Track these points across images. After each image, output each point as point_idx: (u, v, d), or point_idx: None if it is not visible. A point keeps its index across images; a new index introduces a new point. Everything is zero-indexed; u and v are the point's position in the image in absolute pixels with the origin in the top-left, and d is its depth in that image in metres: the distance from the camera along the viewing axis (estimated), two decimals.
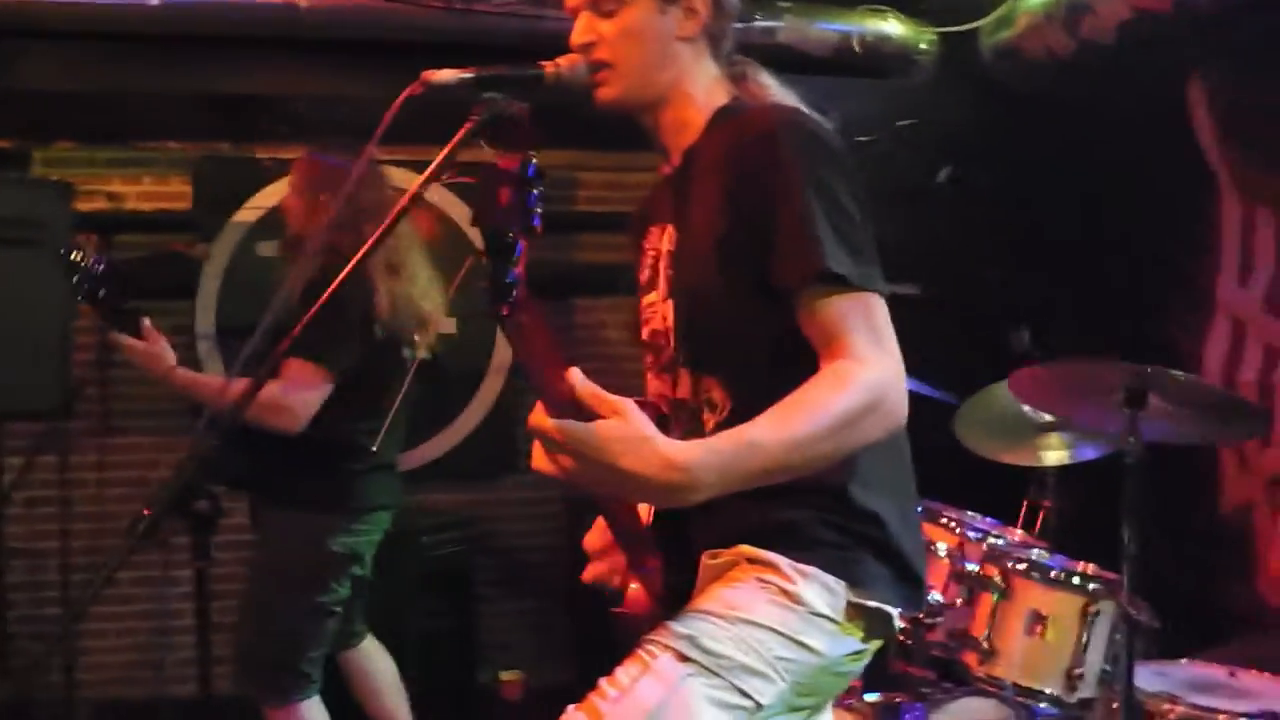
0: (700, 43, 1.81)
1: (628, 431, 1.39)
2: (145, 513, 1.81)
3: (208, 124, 4.88)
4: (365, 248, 1.81)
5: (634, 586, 1.80)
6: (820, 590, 1.66)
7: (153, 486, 4.03)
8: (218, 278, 4.85)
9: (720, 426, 1.68)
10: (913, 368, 3.71)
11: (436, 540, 4.61)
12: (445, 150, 1.76)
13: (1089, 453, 3.56)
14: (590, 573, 1.89)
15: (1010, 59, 4.52)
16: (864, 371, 1.54)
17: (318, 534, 3.22)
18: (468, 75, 1.76)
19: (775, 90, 1.86)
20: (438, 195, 5.03)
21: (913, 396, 3.62)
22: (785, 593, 1.65)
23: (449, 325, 5.05)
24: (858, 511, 1.69)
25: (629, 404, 1.41)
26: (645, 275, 1.88)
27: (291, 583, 3.24)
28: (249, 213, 4.84)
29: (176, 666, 4.46)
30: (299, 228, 3.36)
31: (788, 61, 4.61)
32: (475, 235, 4.69)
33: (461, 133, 1.74)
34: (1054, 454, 3.63)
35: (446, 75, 1.78)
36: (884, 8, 4.70)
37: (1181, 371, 2.61)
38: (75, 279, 3.12)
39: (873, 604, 1.69)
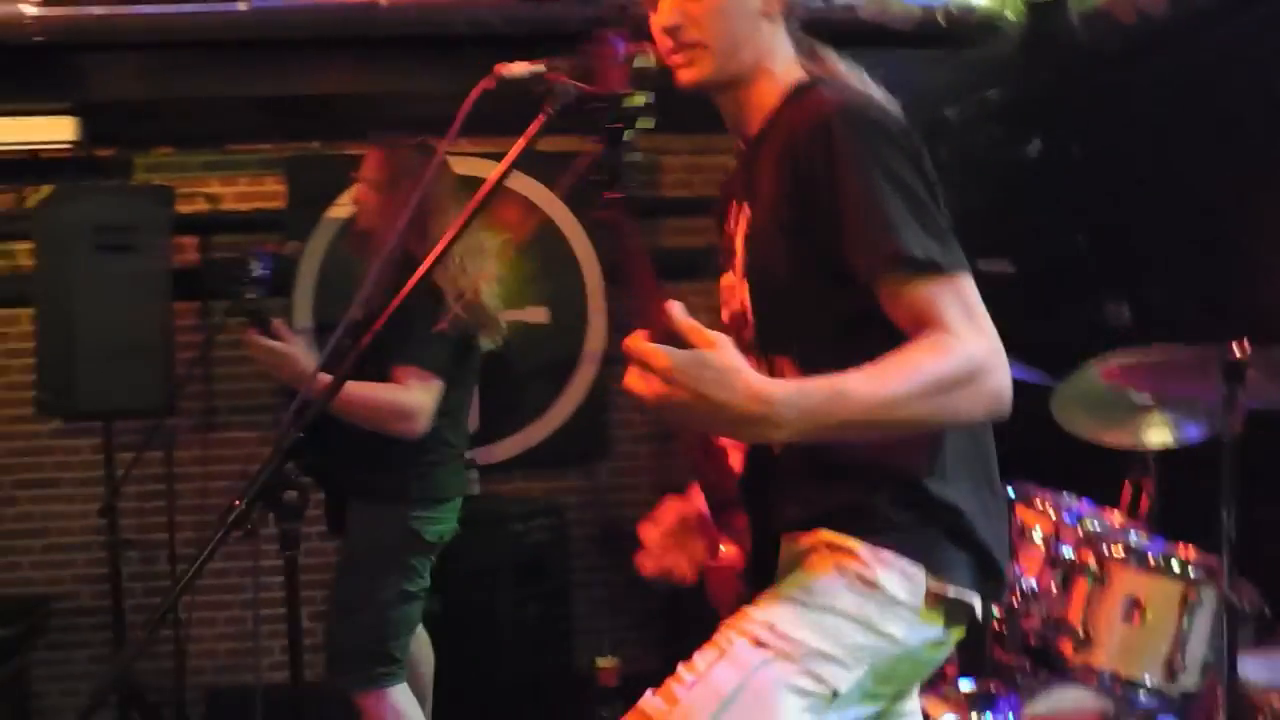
0: (779, 19, 1.80)
1: (720, 361, 1.38)
2: (236, 504, 1.87)
3: (298, 124, 4.99)
4: (440, 246, 1.84)
5: (723, 551, 1.78)
6: (899, 577, 1.64)
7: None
8: (313, 274, 4.96)
9: None
10: (1006, 346, 3.67)
11: (530, 528, 4.65)
12: (520, 143, 1.78)
13: (1194, 431, 3.43)
14: (650, 564, 1.87)
15: (1100, 23, 4.37)
16: (961, 345, 1.50)
17: (406, 524, 3.28)
18: (539, 67, 1.77)
19: (842, 68, 1.84)
20: (522, 183, 5.06)
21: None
22: (863, 579, 1.63)
23: (540, 314, 5.12)
24: (938, 498, 1.66)
25: (724, 338, 1.41)
26: (724, 256, 1.88)
27: (381, 571, 3.31)
28: (341, 209, 4.93)
29: (271, 655, 4.58)
30: (370, 223, 3.40)
31: (870, 36, 4.54)
32: (562, 217, 4.70)
33: (535, 125, 1.75)
34: (1157, 433, 3.51)
35: (518, 68, 1.80)
36: None
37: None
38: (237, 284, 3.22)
39: (952, 592, 1.66)
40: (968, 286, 1.57)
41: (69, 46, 4.31)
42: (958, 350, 1.50)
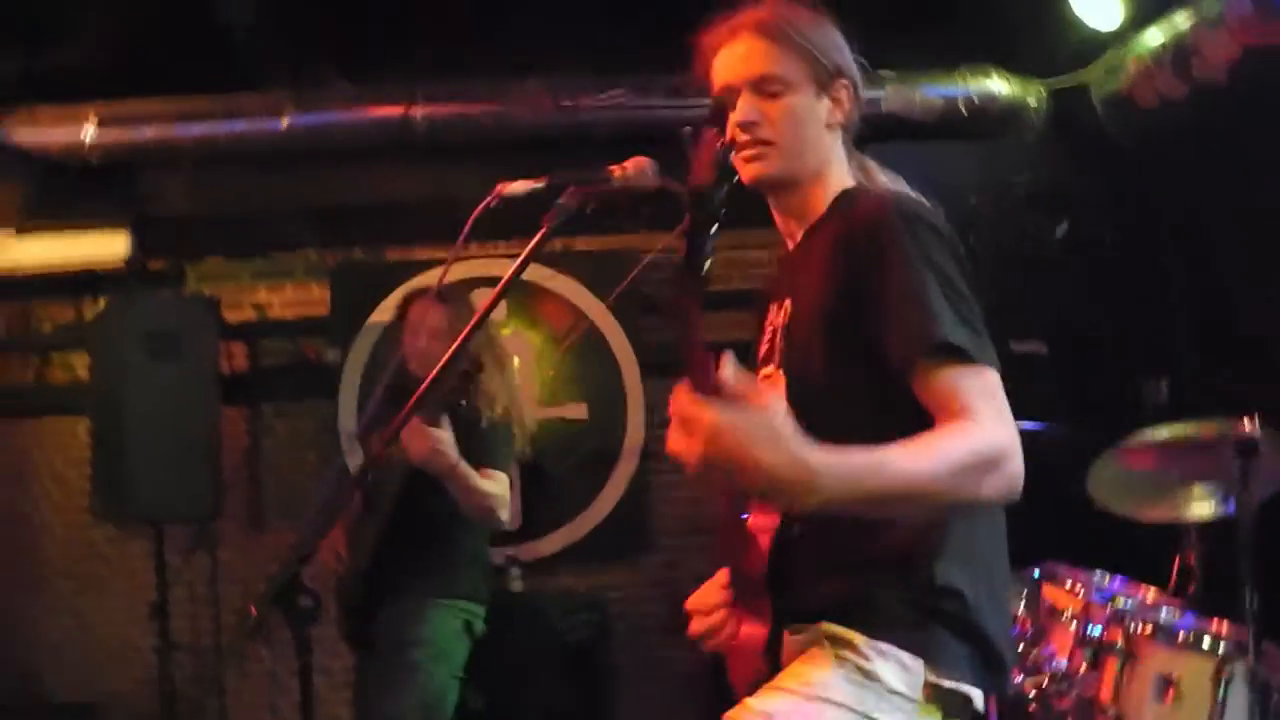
0: (838, 132, 1.87)
1: (772, 422, 1.40)
2: (252, 611, 1.94)
3: (340, 232, 5.16)
4: (460, 340, 1.93)
5: (746, 628, 1.81)
6: (897, 669, 1.65)
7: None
8: (357, 376, 5.08)
9: None
10: (1043, 424, 3.65)
11: (573, 623, 4.66)
12: (523, 256, 1.87)
13: (1234, 505, 3.39)
14: (695, 627, 1.89)
15: (1123, 109, 4.44)
16: (986, 432, 1.54)
17: (459, 618, 3.51)
18: (539, 184, 1.89)
19: (886, 178, 1.92)
20: (561, 284, 5.18)
21: (1044, 457, 3.56)
22: (862, 670, 1.65)
23: (580, 410, 5.19)
24: (940, 588, 1.67)
25: (777, 398, 1.44)
26: (764, 349, 1.92)
27: (438, 663, 3.45)
28: (383, 313, 5.07)
29: None
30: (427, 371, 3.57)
31: (894, 129, 4.64)
32: (600, 316, 4.82)
33: (536, 240, 1.86)
34: (1198, 507, 3.47)
35: (519, 187, 1.92)
36: (987, 66, 4.68)
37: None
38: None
39: (949, 684, 1.66)
40: (995, 379, 1.61)
41: (124, 166, 4.56)
42: (983, 435, 1.53)
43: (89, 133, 4.38)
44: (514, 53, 4.49)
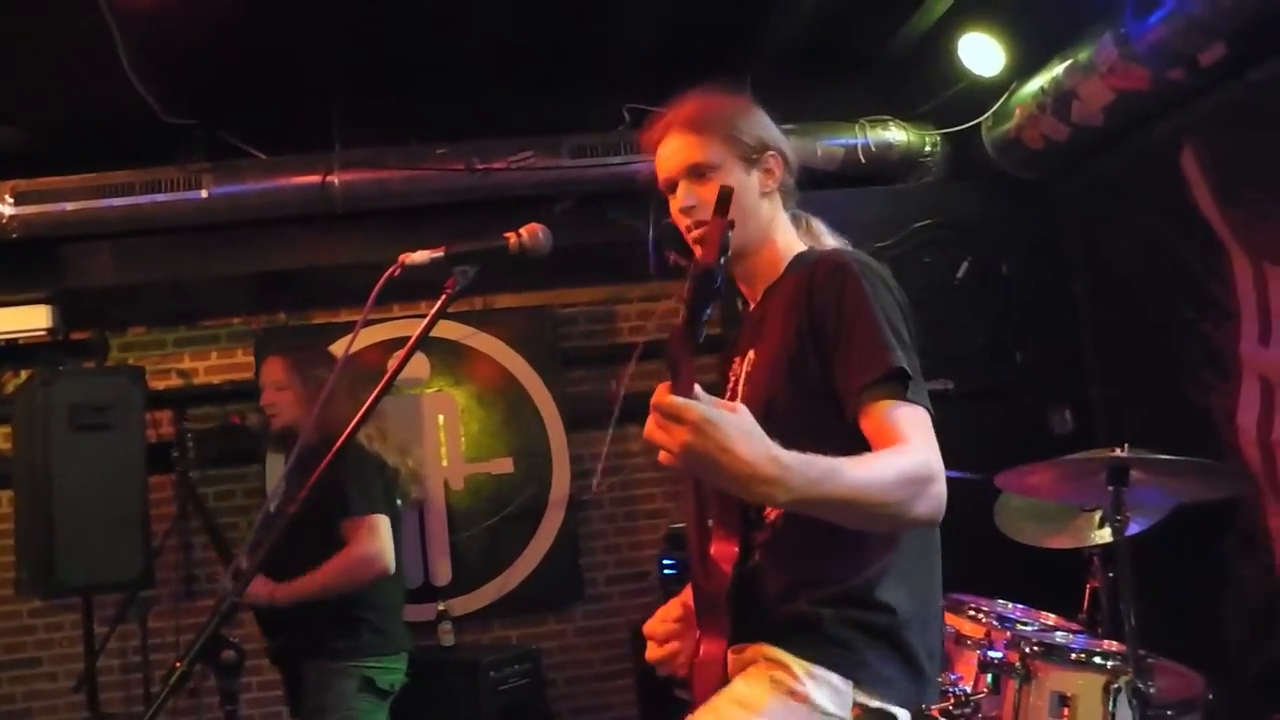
0: (776, 198, 2.06)
1: (745, 422, 1.53)
2: (177, 665, 2.00)
3: (264, 297, 5.22)
4: (365, 406, 2.02)
5: (706, 647, 1.89)
6: (828, 691, 1.79)
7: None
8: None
9: (782, 518, 1.88)
10: (953, 462, 3.80)
11: (507, 674, 4.71)
12: (424, 325, 1.97)
13: (1134, 527, 3.55)
14: (649, 654, 2.02)
15: (1012, 150, 4.65)
16: (921, 453, 1.69)
17: (362, 674, 3.47)
18: (439, 254, 2.01)
19: (831, 240, 2.15)
20: (485, 344, 5.28)
21: (956, 488, 3.71)
22: (793, 692, 1.78)
23: (506, 465, 5.28)
24: (875, 602, 1.82)
25: (744, 407, 1.57)
26: (726, 396, 2.06)
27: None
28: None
29: None
30: (286, 420, 3.68)
31: (798, 180, 4.80)
32: (523, 372, 4.91)
33: (438, 306, 1.97)
34: (1100, 532, 3.62)
35: (420, 256, 2.03)
36: (885, 117, 4.89)
37: (1155, 451, 2.66)
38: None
39: (877, 704, 1.80)
40: (927, 419, 1.77)
41: (44, 240, 4.59)
42: (918, 456, 1.69)
43: (6, 208, 4.42)
44: (426, 120, 4.61)
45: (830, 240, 2.13)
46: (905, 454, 1.67)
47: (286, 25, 3.98)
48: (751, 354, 2.00)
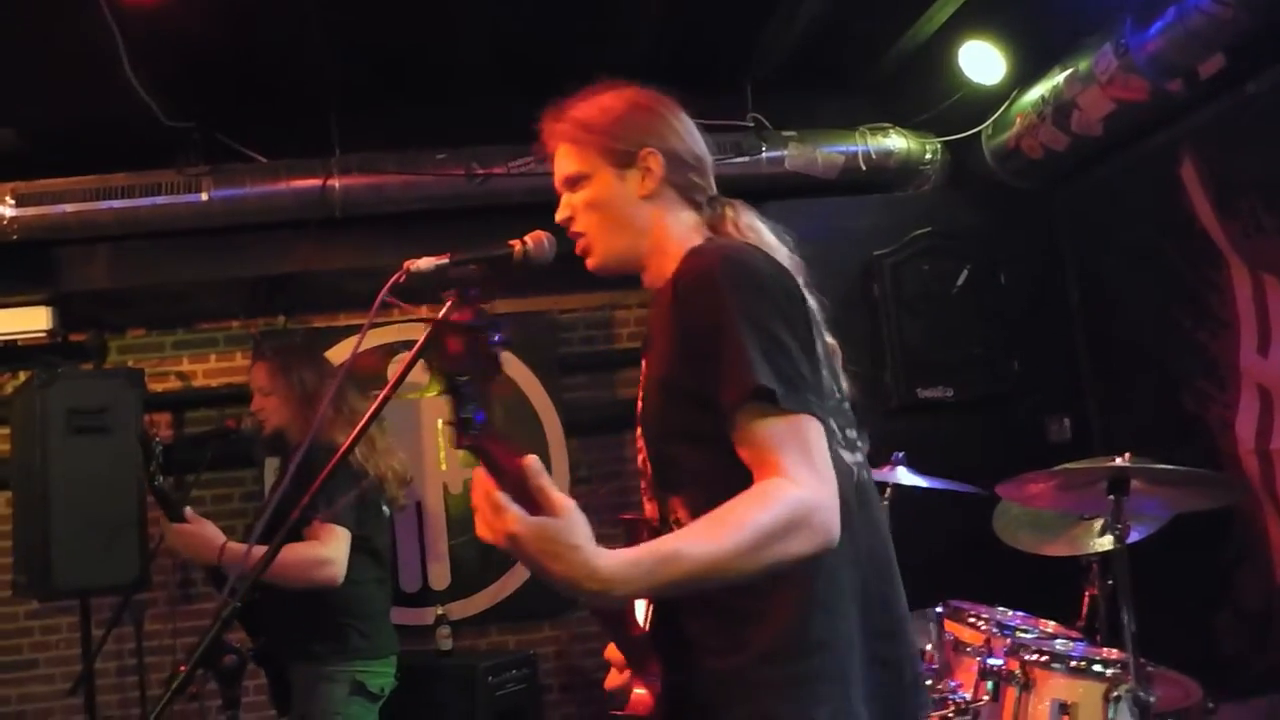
0: (665, 195, 1.92)
1: (560, 536, 1.44)
2: (180, 669, 2.00)
3: (263, 301, 5.22)
4: (360, 427, 2.01)
5: (639, 690, 1.84)
6: None
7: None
8: None
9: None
10: (952, 467, 3.80)
11: (504, 679, 4.70)
12: (425, 337, 1.94)
13: (1133, 535, 3.55)
14: (612, 681, 1.94)
15: (1011, 160, 4.67)
16: (791, 489, 1.59)
17: (352, 678, 3.45)
18: (443, 261, 1.95)
19: (753, 227, 1.96)
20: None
21: (955, 496, 3.68)
22: None
23: None
24: (807, 644, 1.71)
25: (571, 506, 1.47)
26: (638, 409, 1.98)
27: None
28: None
29: None
30: (276, 423, 3.66)
31: (799, 187, 4.84)
32: (521, 376, 4.94)
33: (443, 313, 1.91)
34: (1100, 540, 3.62)
35: (425, 263, 1.97)
36: (884, 125, 4.90)
37: (1154, 461, 2.68)
38: (150, 463, 3.37)
39: None
40: (809, 428, 1.65)
41: (43, 242, 4.59)
42: (785, 497, 1.57)
43: (7, 210, 4.42)
44: (425, 125, 4.62)
45: (752, 234, 1.93)
46: (767, 498, 1.57)
47: (286, 29, 3.97)
48: (645, 362, 1.93)
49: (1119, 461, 2.77)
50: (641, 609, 1.86)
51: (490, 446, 1.45)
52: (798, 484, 1.59)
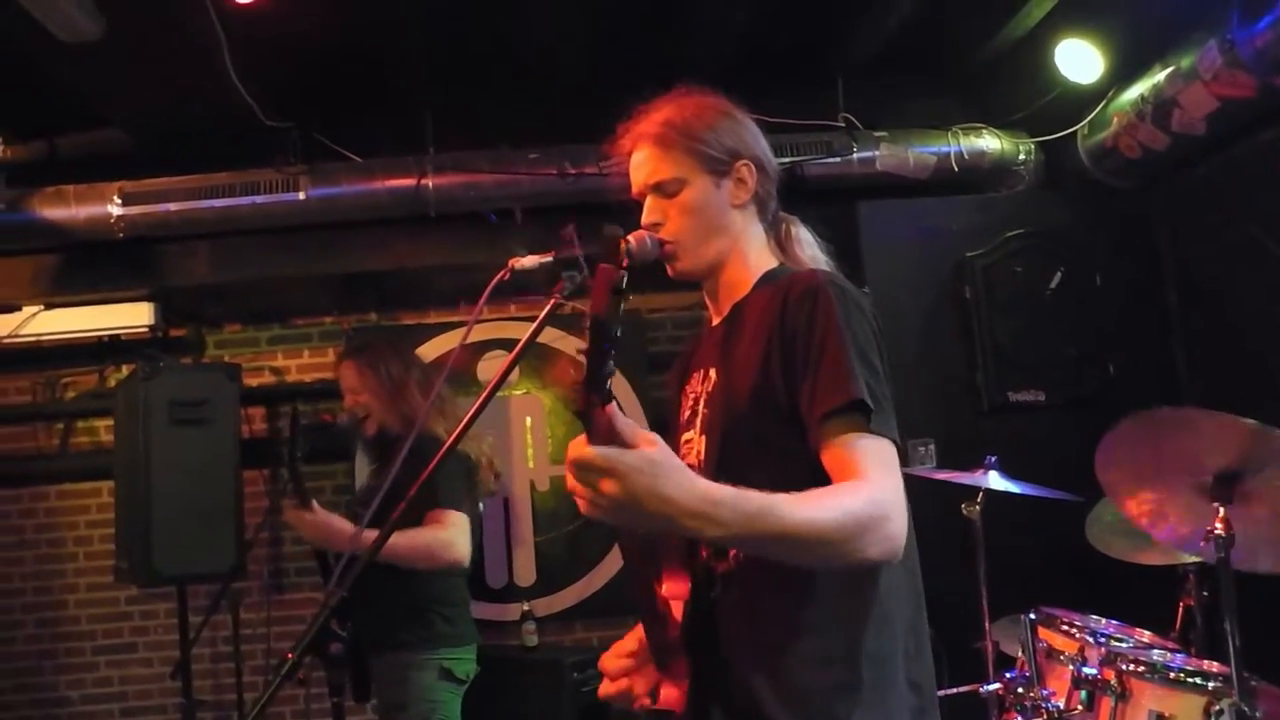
0: (750, 208, 1.98)
1: (667, 458, 1.48)
2: (288, 656, 2.05)
3: (356, 298, 5.32)
4: (469, 416, 2.04)
5: (669, 688, 1.84)
6: None
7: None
8: None
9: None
10: (1043, 473, 3.74)
11: (589, 675, 4.73)
12: (533, 328, 1.96)
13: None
14: (607, 689, 1.95)
15: (1108, 159, 4.58)
16: (876, 492, 1.63)
17: (441, 664, 3.54)
18: (547, 258, 1.99)
19: (812, 249, 2.04)
20: (573, 347, 5.31)
21: (1047, 500, 3.62)
22: None
23: None
24: (864, 656, 1.73)
25: (659, 438, 1.51)
26: (685, 415, 2.00)
27: (427, 710, 3.52)
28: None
29: None
30: (379, 420, 3.71)
31: (890, 187, 4.79)
32: (622, 391, 4.93)
33: (546, 310, 1.93)
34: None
35: (529, 260, 2.01)
36: (977, 125, 4.84)
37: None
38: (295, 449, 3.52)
39: None
40: (892, 452, 1.70)
41: (147, 240, 4.73)
42: (872, 495, 1.62)
43: (115, 208, 4.56)
44: (518, 124, 4.67)
45: (811, 251, 2.02)
46: (855, 492, 1.62)
47: (382, 30, 4.06)
48: (713, 373, 1.92)
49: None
50: (679, 609, 1.86)
51: (599, 413, 1.48)
52: (880, 488, 1.64)
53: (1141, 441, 2.92)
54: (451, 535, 3.45)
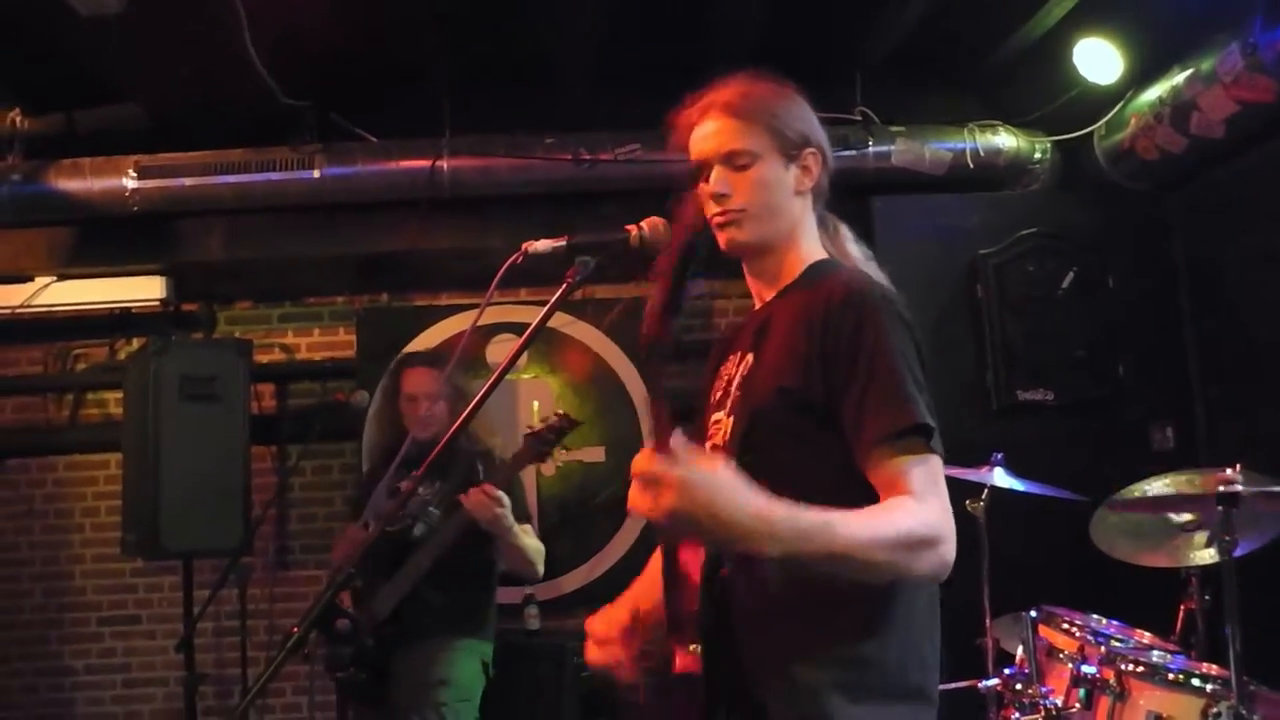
0: (808, 197, 1.97)
1: (730, 478, 1.53)
2: (294, 630, 2.06)
3: (368, 278, 5.33)
4: (478, 398, 2.07)
5: (683, 655, 1.81)
6: None
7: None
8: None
9: None
10: (1049, 473, 3.74)
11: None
12: (544, 312, 1.98)
13: (1240, 548, 3.46)
14: (596, 656, 2.00)
15: (1124, 161, 4.57)
16: (929, 513, 1.66)
17: (481, 656, 3.74)
18: (561, 243, 1.99)
19: (857, 248, 2.04)
20: (583, 333, 5.32)
21: (1052, 500, 3.62)
22: None
23: (598, 454, 5.32)
24: (877, 661, 1.75)
25: (724, 461, 1.57)
26: (717, 395, 2.01)
27: (463, 698, 3.63)
28: None
29: None
30: (441, 429, 3.69)
31: (905, 183, 4.79)
32: (616, 360, 4.96)
33: (559, 294, 1.97)
34: (1200, 553, 3.54)
35: (543, 245, 2.01)
36: (994, 121, 4.83)
37: (1264, 473, 2.60)
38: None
39: None
40: (939, 467, 1.72)
41: (161, 215, 4.75)
42: (926, 516, 1.64)
43: (130, 182, 4.58)
44: (535, 109, 4.67)
45: (854, 249, 2.02)
46: (911, 513, 1.63)
47: (402, 11, 4.05)
48: (750, 357, 1.93)
49: (1229, 474, 2.69)
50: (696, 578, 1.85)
51: (660, 405, 1.58)
52: (933, 510, 1.66)
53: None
54: (542, 551, 3.80)
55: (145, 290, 4.97)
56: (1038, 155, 4.86)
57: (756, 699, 1.78)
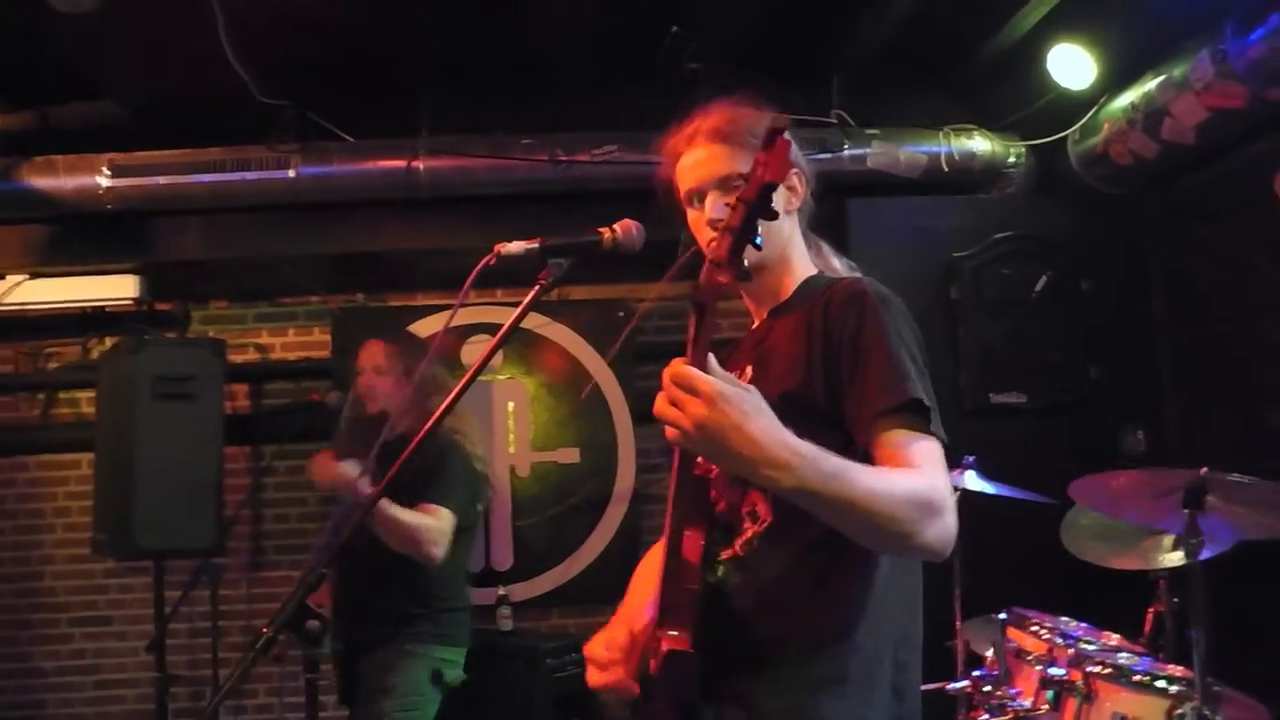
0: (795, 216, 2.02)
1: (759, 401, 1.52)
2: (264, 631, 2.05)
3: (342, 278, 5.32)
4: (450, 399, 2.04)
5: (673, 633, 1.79)
6: None
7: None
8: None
9: (759, 537, 1.83)
10: (1020, 476, 3.76)
11: (564, 662, 4.75)
12: (516, 314, 1.98)
13: (1206, 551, 3.49)
14: (599, 679, 1.96)
15: (1098, 165, 4.60)
16: (935, 479, 1.67)
17: (431, 664, 3.59)
18: (534, 245, 2.00)
19: (840, 263, 2.09)
20: (558, 334, 5.32)
21: (1023, 503, 3.64)
22: None
23: (573, 455, 5.32)
24: (858, 655, 1.77)
25: (755, 388, 1.56)
26: None
27: (412, 706, 3.55)
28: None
29: None
30: (382, 405, 3.74)
31: (881, 185, 4.81)
32: (592, 363, 4.96)
33: (531, 296, 1.98)
34: (1169, 556, 3.57)
35: (515, 247, 2.01)
36: (969, 126, 4.85)
37: (1237, 474, 2.62)
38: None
39: None
40: (942, 454, 1.74)
41: (136, 213, 4.72)
42: (933, 481, 1.67)
43: (104, 180, 4.55)
44: (512, 110, 4.67)
45: (838, 263, 2.08)
46: (919, 476, 1.65)
47: (380, 11, 4.04)
48: (749, 370, 1.95)
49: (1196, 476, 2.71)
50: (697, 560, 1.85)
51: (708, 328, 1.52)
52: (939, 480, 1.67)
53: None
54: (439, 530, 3.48)
55: (119, 289, 4.93)
56: (1012, 159, 4.89)
57: (743, 688, 1.79)
